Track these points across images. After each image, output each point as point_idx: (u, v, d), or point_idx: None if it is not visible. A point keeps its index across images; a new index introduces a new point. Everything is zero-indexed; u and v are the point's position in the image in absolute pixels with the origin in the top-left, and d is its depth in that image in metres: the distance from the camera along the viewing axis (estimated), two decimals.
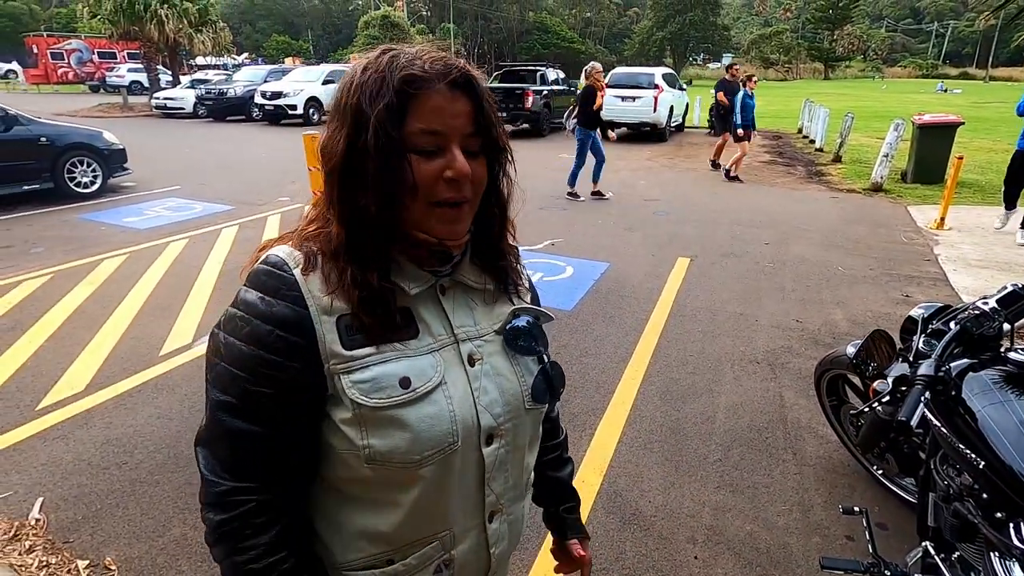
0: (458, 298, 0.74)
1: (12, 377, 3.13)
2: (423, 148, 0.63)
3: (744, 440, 2.69)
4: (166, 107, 18.47)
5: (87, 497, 2.26)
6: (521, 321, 0.76)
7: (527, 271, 0.86)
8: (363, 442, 0.65)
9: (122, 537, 2.07)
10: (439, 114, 0.63)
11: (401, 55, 0.64)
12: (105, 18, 19.40)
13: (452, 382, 0.69)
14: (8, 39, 45.93)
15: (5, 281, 4.48)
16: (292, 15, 66.09)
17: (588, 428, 2.77)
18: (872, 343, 1.61)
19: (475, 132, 0.66)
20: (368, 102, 0.62)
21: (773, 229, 6.32)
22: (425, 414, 0.66)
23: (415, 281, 0.69)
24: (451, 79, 0.64)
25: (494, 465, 0.74)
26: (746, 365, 3.38)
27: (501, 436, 0.74)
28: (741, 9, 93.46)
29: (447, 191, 0.64)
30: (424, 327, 0.70)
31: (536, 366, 0.77)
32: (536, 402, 0.77)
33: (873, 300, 4.37)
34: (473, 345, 0.73)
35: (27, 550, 2.00)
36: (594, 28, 72.77)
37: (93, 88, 31.17)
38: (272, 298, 0.64)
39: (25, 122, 6.89)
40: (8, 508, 2.20)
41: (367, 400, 0.64)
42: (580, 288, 4.51)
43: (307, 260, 0.66)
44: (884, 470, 2.30)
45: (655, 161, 11.09)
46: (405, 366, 0.66)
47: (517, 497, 0.81)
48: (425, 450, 0.66)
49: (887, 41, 74.30)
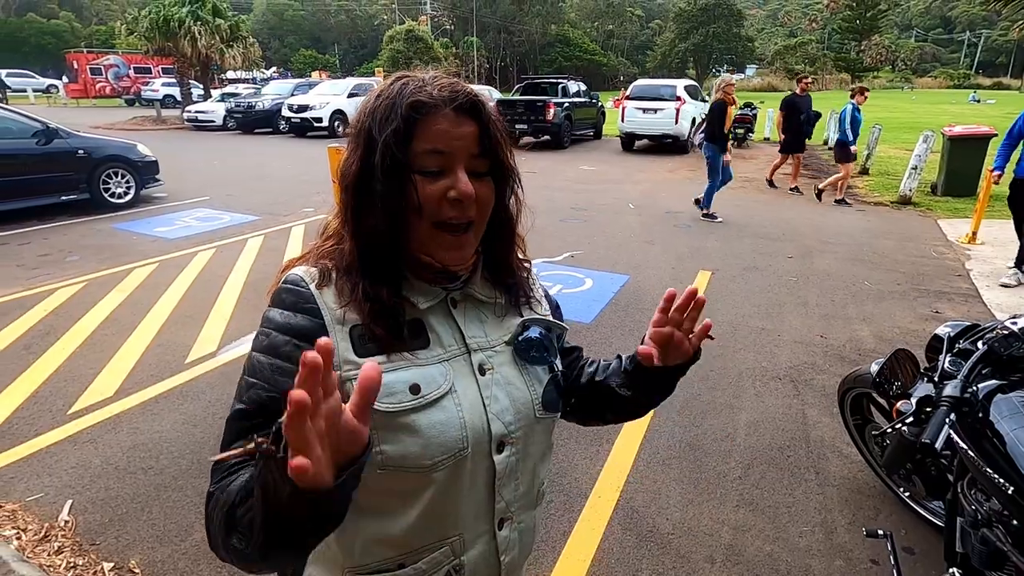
0: (469, 311, 0.76)
1: (47, 381, 3.24)
2: (428, 168, 0.66)
3: (765, 458, 2.64)
4: (197, 120, 19.03)
5: (114, 501, 2.32)
6: (532, 332, 0.78)
7: (544, 282, 0.88)
8: (376, 448, 0.67)
9: (146, 541, 2.12)
10: (443, 136, 0.66)
11: (411, 82, 0.68)
12: (141, 35, 20.12)
13: (462, 390, 0.71)
14: (51, 55, 47.99)
15: (43, 288, 4.65)
16: (319, 30, 67.75)
17: (605, 443, 2.74)
18: (895, 362, 1.57)
19: (481, 153, 0.68)
20: (378, 127, 0.66)
21: (797, 242, 6.22)
22: (435, 420, 0.68)
23: (425, 296, 0.72)
24: (457, 104, 0.66)
25: (505, 472, 0.75)
26: (768, 381, 3.33)
27: (512, 444, 0.75)
28: (765, 20, 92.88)
29: (451, 211, 0.67)
30: (435, 338, 0.72)
31: (546, 375, 0.79)
32: (547, 411, 0.78)
33: (901, 316, 4.26)
34: (484, 355, 0.75)
35: (56, 551, 2.06)
36: (616, 40, 72.99)
37: (129, 102, 32.30)
38: (291, 311, 0.68)
39: (65, 135, 7.17)
40: (39, 509, 2.27)
41: (378, 405, 0.66)
42: (599, 301, 4.50)
43: (322, 275, 0.70)
44: (911, 492, 2.24)
45: (677, 173, 11.03)
46: (414, 374, 0.69)
47: (528, 505, 0.82)
48: (436, 455, 0.68)
49: (917, 51, 72.92)
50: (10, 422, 2.85)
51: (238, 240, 6.16)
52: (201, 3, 20.28)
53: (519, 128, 14.29)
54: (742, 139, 15.02)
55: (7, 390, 3.13)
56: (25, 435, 2.74)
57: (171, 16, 19.56)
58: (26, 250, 5.73)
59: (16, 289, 4.62)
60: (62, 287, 4.68)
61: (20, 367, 3.38)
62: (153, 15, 19.76)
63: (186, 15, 19.68)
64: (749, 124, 15.01)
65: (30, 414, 2.92)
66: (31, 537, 2.12)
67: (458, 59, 50.95)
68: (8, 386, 3.18)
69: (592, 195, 8.74)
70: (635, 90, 14.09)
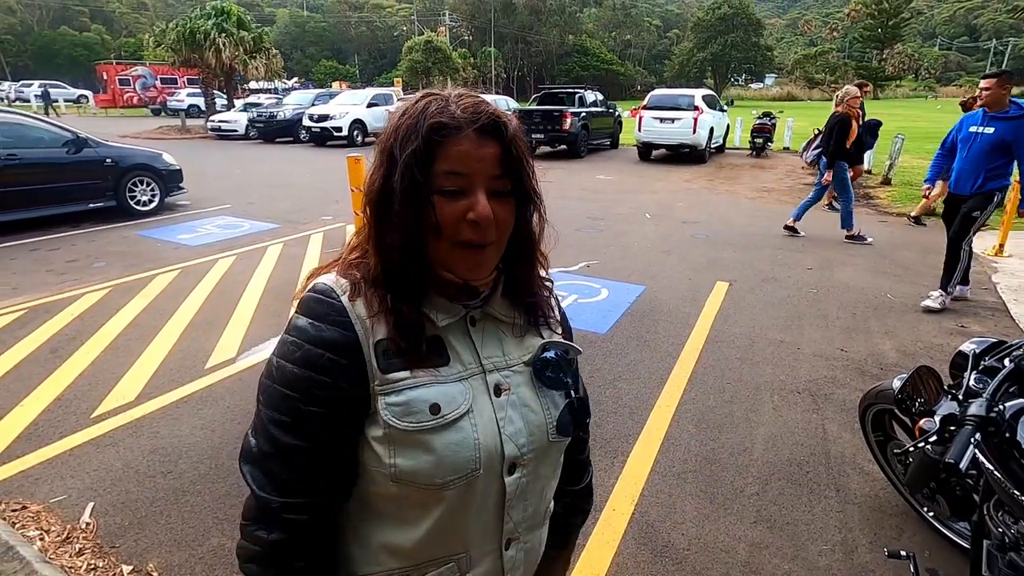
0: (488, 330, 0.76)
1: (72, 385, 3.31)
2: (448, 189, 0.66)
3: (783, 474, 2.59)
4: (220, 129, 19.45)
5: (133, 504, 2.36)
6: (550, 354, 0.78)
7: (559, 303, 0.87)
8: (390, 461, 0.68)
9: (164, 544, 2.15)
10: (464, 158, 0.66)
11: (434, 102, 0.67)
12: (168, 46, 20.68)
13: (479, 411, 0.72)
14: (82, 67, 49.51)
15: (70, 293, 4.77)
16: (340, 41, 68.96)
17: (620, 454, 2.72)
18: (918, 378, 1.54)
19: (503, 174, 0.68)
20: (400, 147, 0.66)
21: (816, 254, 6.13)
22: (450, 440, 0.68)
23: (445, 313, 0.72)
24: (479, 125, 0.66)
25: (515, 493, 0.75)
26: (787, 395, 3.27)
27: (524, 466, 0.75)
28: (785, 29, 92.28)
29: (469, 232, 0.67)
30: (454, 356, 0.72)
31: (563, 400, 0.79)
32: (560, 435, 0.78)
33: (925, 330, 4.17)
34: (501, 375, 0.75)
35: (77, 553, 2.10)
36: (634, 50, 73.11)
37: (155, 111, 33.17)
38: (321, 323, 0.68)
39: (93, 144, 7.38)
40: (62, 511, 2.31)
41: (398, 423, 0.68)
42: (615, 311, 4.48)
43: (353, 287, 0.71)
44: (935, 512, 2.18)
45: (694, 183, 10.96)
46: (436, 392, 0.69)
47: (535, 526, 0.82)
48: (448, 474, 0.68)
49: (941, 59, 71.84)
50: (36, 424, 2.92)
51: (258, 248, 6.27)
52: (226, 16, 20.81)
53: (536, 137, 14.35)
54: (761, 148, 14.92)
55: (34, 393, 3.21)
56: (50, 437, 2.81)
57: (197, 28, 20.09)
58: (55, 256, 5.90)
59: (45, 294, 4.75)
60: (88, 292, 4.80)
61: (47, 370, 3.46)
62: (180, 27, 20.34)
63: (212, 27, 20.19)
64: (768, 134, 14.91)
65: (55, 417, 2.99)
66: (54, 538, 2.16)
67: (476, 69, 51.41)
68: (36, 388, 3.26)
69: (608, 204, 8.73)
70: (652, 100, 14.07)
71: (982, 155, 4.36)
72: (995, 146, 4.29)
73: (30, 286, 4.95)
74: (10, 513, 2.28)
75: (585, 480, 0.99)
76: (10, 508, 2.32)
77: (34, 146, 6.85)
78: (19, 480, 2.50)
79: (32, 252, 6.03)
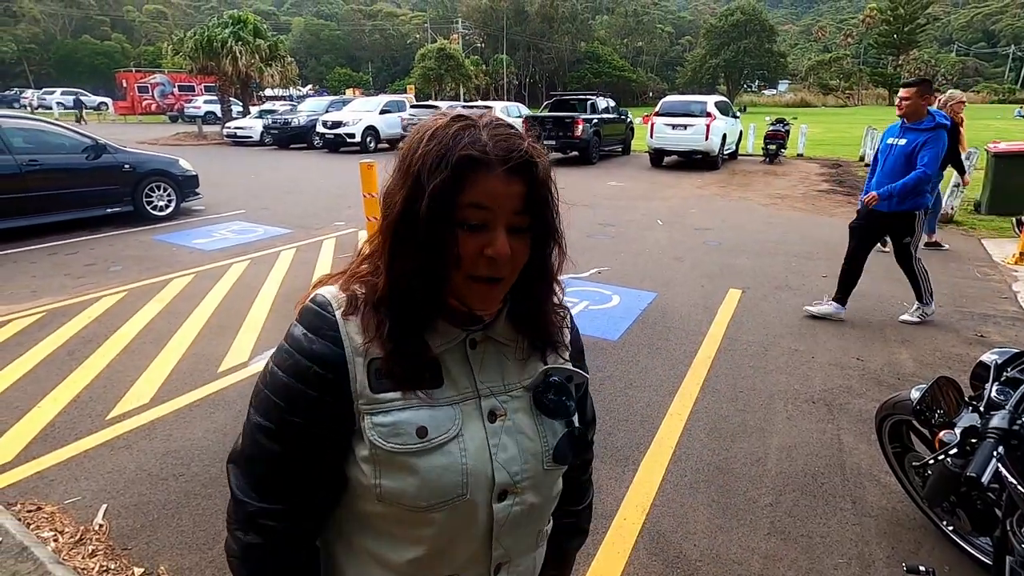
0: (488, 353, 0.74)
1: (87, 387, 3.35)
2: (470, 222, 0.64)
3: (798, 484, 2.55)
4: (236, 136, 19.71)
5: (145, 506, 2.38)
6: (553, 378, 0.76)
7: (573, 327, 0.85)
8: (375, 480, 0.68)
9: (175, 547, 2.16)
10: (491, 194, 0.64)
11: (467, 132, 0.65)
12: (186, 54, 21.05)
13: (469, 436, 0.70)
14: (103, 75, 50.58)
15: (87, 297, 4.84)
16: (354, 49, 69.73)
17: (631, 463, 2.70)
18: (937, 389, 1.51)
19: (524, 211, 0.66)
20: (427, 174, 0.63)
21: (832, 261, 6.04)
22: (436, 464, 0.68)
23: (444, 337, 0.71)
24: (510, 165, 0.64)
25: (505, 520, 0.73)
26: (801, 404, 3.23)
27: (516, 494, 0.73)
28: (798, 35, 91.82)
29: (485, 268, 0.65)
30: (449, 379, 0.71)
31: (563, 428, 0.76)
32: (557, 463, 0.76)
33: (943, 340, 4.10)
34: (497, 400, 0.73)
35: (90, 554, 2.11)
36: (646, 57, 73.10)
37: (172, 118, 33.73)
38: (314, 336, 0.69)
39: (112, 151, 7.51)
40: (76, 512, 2.34)
41: (384, 443, 0.67)
42: (626, 318, 4.45)
43: (349, 303, 0.70)
44: (955, 527, 2.12)
45: (706, 190, 10.90)
46: (425, 415, 0.68)
47: (528, 549, 0.80)
48: (432, 498, 0.68)
49: (958, 66, 70.97)
50: (53, 425, 2.96)
51: (271, 252, 6.33)
52: (243, 24, 21.16)
53: (547, 144, 14.37)
54: (774, 155, 14.81)
55: (51, 394, 3.26)
56: (66, 439, 2.84)
57: (215, 36, 20.43)
58: (73, 260, 5.99)
59: (63, 297, 4.83)
60: (105, 296, 4.87)
61: (64, 372, 3.51)
62: (198, 36, 20.71)
63: (228, 35, 20.53)
64: (782, 140, 14.80)
65: (71, 418, 3.03)
66: (67, 540, 2.18)
67: (488, 76, 51.69)
68: (53, 390, 3.30)
69: (620, 211, 8.71)
70: (664, 106, 14.05)
71: (896, 169, 4.05)
72: (908, 159, 4.01)
73: (49, 289, 5.03)
74: (26, 514, 2.31)
75: (586, 500, 0.97)
76: (26, 508, 2.34)
77: (55, 152, 6.99)
78: (35, 481, 2.53)
79: (51, 256, 6.14)
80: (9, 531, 2.12)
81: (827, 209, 8.94)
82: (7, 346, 3.88)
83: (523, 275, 0.70)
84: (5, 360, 3.66)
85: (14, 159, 6.55)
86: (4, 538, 2.09)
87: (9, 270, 5.62)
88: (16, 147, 6.64)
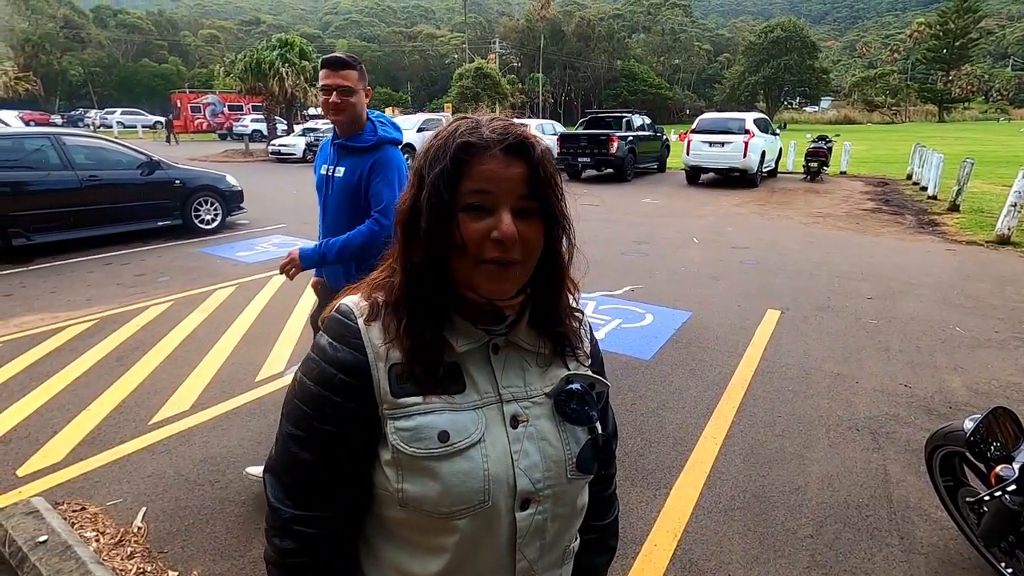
0: (511, 358, 0.74)
1: (133, 393, 3.49)
2: (472, 205, 0.66)
3: (840, 516, 2.43)
4: (280, 153, 20.48)
5: (182, 511, 2.44)
6: (575, 386, 0.75)
7: (591, 334, 0.85)
8: (398, 485, 0.68)
9: (208, 552, 2.21)
10: (490, 176, 0.66)
11: (465, 124, 0.68)
12: (236, 76, 22.13)
13: (491, 441, 0.70)
14: (160, 96, 53.45)
15: (137, 305, 5.06)
16: (395, 69, 71.84)
17: (663, 487, 2.62)
18: (993, 420, 1.42)
19: (530, 194, 0.67)
20: (428, 167, 0.68)
21: (877, 283, 5.83)
22: (458, 469, 0.67)
23: (466, 338, 0.71)
24: (506, 144, 0.66)
25: (528, 530, 0.72)
26: (844, 431, 3.09)
27: (539, 502, 0.72)
28: (842, 51, 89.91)
29: (493, 251, 0.66)
30: (471, 383, 0.71)
31: (585, 436, 0.75)
32: (581, 472, 0.74)
33: (999, 367, 3.87)
34: (519, 406, 0.73)
35: (128, 556, 2.18)
36: (683, 74, 72.81)
37: (221, 136, 35.34)
38: (338, 344, 0.71)
39: (165, 167, 7.91)
40: (117, 514, 2.42)
41: (406, 448, 0.68)
42: (660, 337, 4.37)
43: (371, 309, 0.72)
44: (1014, 569, 1.98)
45: (744, 208, 10.69)
46: (446, 419, 0.68)
47: (554, 564, 0.78)
48: (454, 504, 0.67)
49: (1014, 81, 68.10)
50: (100, 428, 3.09)
51: None
52: (290, 47, 22.14)
53: (582, 161, 14.40)
54: (816, 173, 14.46)
55: (100, 398, 3.40)
56: (111, 442, 2.96)
57: (263, 59, 21.45)
58: (125, 270, 6.29)
59: (114, 305, 5.06)
60: (153, 305, 5.08)
61: (113, 377, 3.67)
62: (248, 58, 21.78)
63: (276, 58, 21.52)
64: (824, 158, 14.45)
65: (117, 422, 3.15)
66: (108, 540, 2.25)
67: (524, 94, 52.32)
68: (102, 394, 3.45)
69: (654, 228, 8.61)
70: (701, 123, 13.93)
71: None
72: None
73: (102, 297, 5.29)
74: (71, 513, 2.40)
75: (611, 516, 0.94)
76: (71, 508, 2.44)
77: (112, 168, 7.42)
78: (80, 482, 2.64)
79: (106, 266, 6.46)
80: (55, 530, 2.21)
81: (872, 228, 8.63)
82: (63, 351, 4.08)
83: (538, 268, 0.71)
84: (61, 364, 3.85)
85: (76, 175, 6.97)
86: (50, 536, 2.17)
87: (68, 279, 5.94)
88: (78, 163, 7.07)
